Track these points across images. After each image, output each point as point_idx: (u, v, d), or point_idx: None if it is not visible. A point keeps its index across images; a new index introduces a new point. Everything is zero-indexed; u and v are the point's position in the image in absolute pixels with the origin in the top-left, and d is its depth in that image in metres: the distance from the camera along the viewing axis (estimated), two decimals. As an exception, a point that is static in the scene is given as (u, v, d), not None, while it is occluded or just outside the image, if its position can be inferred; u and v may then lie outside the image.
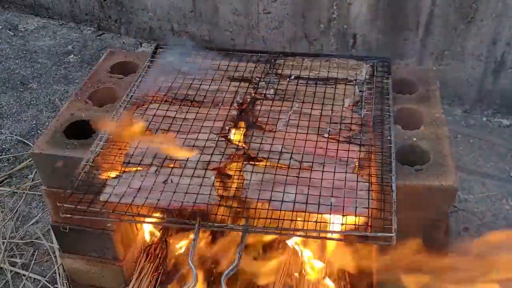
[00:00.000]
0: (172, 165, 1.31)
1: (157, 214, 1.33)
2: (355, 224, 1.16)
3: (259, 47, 2.75)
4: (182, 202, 1.21)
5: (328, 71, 1.62)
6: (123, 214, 1.22)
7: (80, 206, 1.22)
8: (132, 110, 1.49)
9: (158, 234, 1.74)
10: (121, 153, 1.36)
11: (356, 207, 1.18)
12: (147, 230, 1.74)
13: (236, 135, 1.41)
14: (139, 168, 1.31)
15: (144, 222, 1.25)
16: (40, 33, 3.33)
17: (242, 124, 1.43)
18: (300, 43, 2.67)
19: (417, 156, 1.37)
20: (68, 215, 1.21)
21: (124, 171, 1.31)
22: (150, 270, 1.68)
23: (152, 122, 1.44)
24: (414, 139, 1.41)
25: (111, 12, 3.20)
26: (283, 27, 2.70)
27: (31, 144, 2.42)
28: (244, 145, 1.37)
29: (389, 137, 1.36)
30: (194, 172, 1.29)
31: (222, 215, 1.21)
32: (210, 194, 1.23)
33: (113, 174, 1.30)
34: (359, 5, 2.45)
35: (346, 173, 1.27)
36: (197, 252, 1.34)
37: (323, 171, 1.28)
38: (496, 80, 2.40)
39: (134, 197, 1.23)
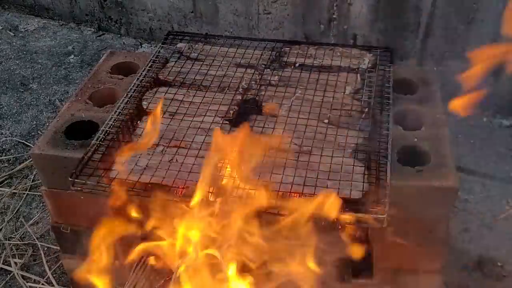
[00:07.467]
0: (177, 145, 1.38)
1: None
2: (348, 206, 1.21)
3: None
4: (186, 180, 1.28)
5: (332, 60, 1.66)
6: (129, 190, 1.28)
7: (90, 181, 1.29)
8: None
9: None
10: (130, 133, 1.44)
11: (351, 189, 1.23)
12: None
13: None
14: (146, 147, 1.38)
15: (148, 198, 1.31)
16: (41, 34, 3.33)
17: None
18: (300, 43, 2.68)
19: (418, 156, 1.38)
20: (79, 189, 1.28)
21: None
22: (146, 271, 1.67)
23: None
24: (415, 139, 1.41)
25: (111, 13, 3.20)
26: (283, 27, 2.70)
27: (31, 145, 2.42)
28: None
29: (387, 124, 1.39)
30: (198, 152, 1.35)
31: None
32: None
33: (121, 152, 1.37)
34: (359, 5, 2.45)
35: (343, 157, 1.32)
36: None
37: (321, 155, 1.33)
38: (497, 81, 2.40)
39: (141, 175, 1.30)
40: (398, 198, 1.26)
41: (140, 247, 1.41)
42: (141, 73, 1.63)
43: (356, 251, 1.45)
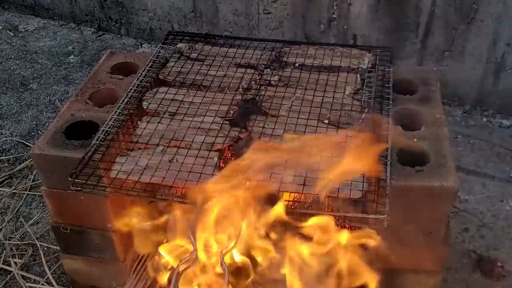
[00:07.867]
0: (177, 145, 1.38)
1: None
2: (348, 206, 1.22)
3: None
4: (186, 180, 1.28)
5: (332, 60, 1.66)
6: (130, 190, 1.28)
7: (90, 181, 1.29)
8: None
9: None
10: (130, 133, 1.44)
11: (351, 189, 1.23)
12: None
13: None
14: (146, 148, 1.38)
15: (149, 198, 1.33)
16: (41, 34, 3.33)
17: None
18: (300, 43, 2.68)
19: (418, 156, 1.38)
20: (79, 189, 1.28)
21: (132, 150, 1.38)
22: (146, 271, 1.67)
23: (160, 105, 1.51)
24: (415, 139, 1.41)
25: (112, 13, 3.20)
26: (283, 27, 2.70)
27: (31, 145, 2.42)
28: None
29: (387, 124, 1.39)
30: (198, 152, 1.36)
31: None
32: (213, 174, 1.29)
33: (121, 152, 1.37)
34: (359, 5, 2.45)
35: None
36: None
37: (321, 155, 1.31)
38: (496, 81, 2.40)
39: (141, 175, 1.30)
40: (398, 198, 1.26)
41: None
42: (141, 73, 1.63)
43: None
